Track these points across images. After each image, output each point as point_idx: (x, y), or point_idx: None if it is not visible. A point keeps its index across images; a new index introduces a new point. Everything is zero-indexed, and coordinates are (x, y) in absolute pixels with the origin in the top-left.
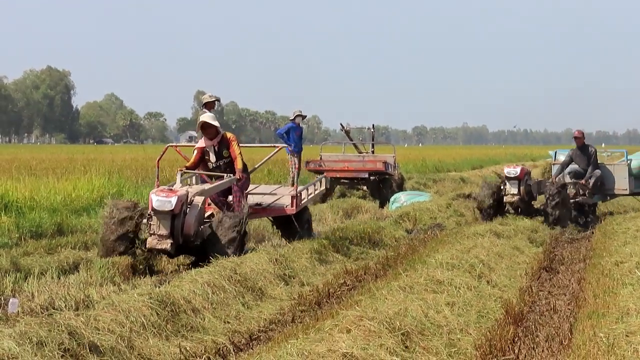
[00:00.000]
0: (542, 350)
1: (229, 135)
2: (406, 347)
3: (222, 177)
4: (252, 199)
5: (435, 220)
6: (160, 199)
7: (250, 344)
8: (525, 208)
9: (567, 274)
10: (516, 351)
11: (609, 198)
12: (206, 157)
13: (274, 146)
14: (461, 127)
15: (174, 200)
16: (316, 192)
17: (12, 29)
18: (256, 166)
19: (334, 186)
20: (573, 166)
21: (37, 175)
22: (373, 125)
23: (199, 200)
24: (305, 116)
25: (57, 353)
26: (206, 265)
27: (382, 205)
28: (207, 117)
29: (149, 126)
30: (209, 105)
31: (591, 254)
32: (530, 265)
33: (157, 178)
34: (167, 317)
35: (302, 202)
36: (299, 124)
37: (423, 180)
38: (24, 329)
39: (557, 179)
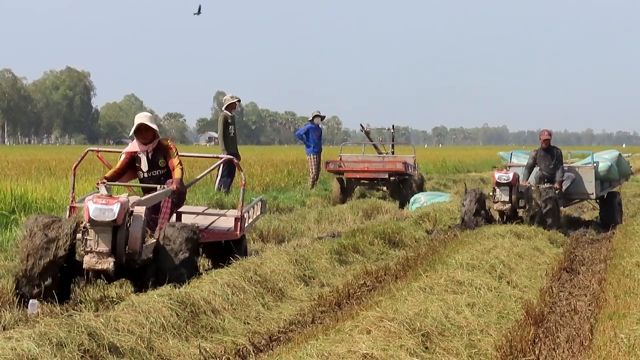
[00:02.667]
0: (563, 351)
1: (167, 142)
2: (426, 348)
3: (154, 190)
4: (186, 220)
5: (455, 221)
6: (100, 207)
7: (270, 344)
8: (514, 216)
9: (587, 274)
10: (537, 352)
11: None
12: (137, 164)
13: (218, 157)
14: (481, 127)
15: (116, 208)
16: (254, 217)
17: (32, 30)
18: (197, 178)
19: (353, 187)
20: (536, 170)
21: (56, 176)
22: (393, 125)
23: (140, 211)
24: (324, 117)
25: (77, 354)
26: (226, 266)
27: (402, 205)
28: (144, 117)
29: (168, 127)
30: (230, 106)
31: (612, 254)
32: (550, 266)
33: (73, 189)
34: (187, 318)
35: (246, 225)
36: (318, 125)
37: (443, 180)
38: (44, 329)
39: (527, 182)
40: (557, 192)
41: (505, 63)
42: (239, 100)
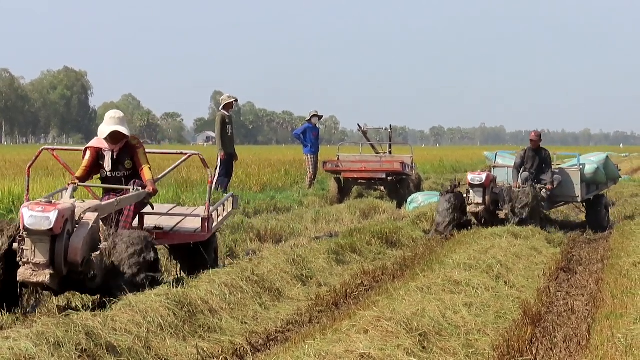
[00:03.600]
0: (560, 351)
1: (134, 142)
2: (424, 347)
3: (119, 191)
4: (149, 221)
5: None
6: (35, 215)
7: (268, 344)
8: (489, 218)
9: (585, 274)
10: (534, 352)
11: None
12: (100, 162)
13: (182, 153)
14: (479, 127)
15: (53, 215)
16: (225, 214)
17: (29, 30)
18: (160, 176)
19: (351, 187)
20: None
21: (54, 175)
22: (390, 125)
23: (90, 217)
24: (322, 116)
25: (75, 353)
26: (223, 266)
27: (399, 205)
28: (117, 123)
29: (166, 127)
30: (227, 106)
31: (609, 254)
32: (548, 266)
33: (27, 190)
34: (185, 318)
35: (214, 225)
36: (315, 125)
37: (440, 180)
38: (41, 329)
39: (517, 183)
40: (547, 193)
41: (503, 63)
42: (236, 100)
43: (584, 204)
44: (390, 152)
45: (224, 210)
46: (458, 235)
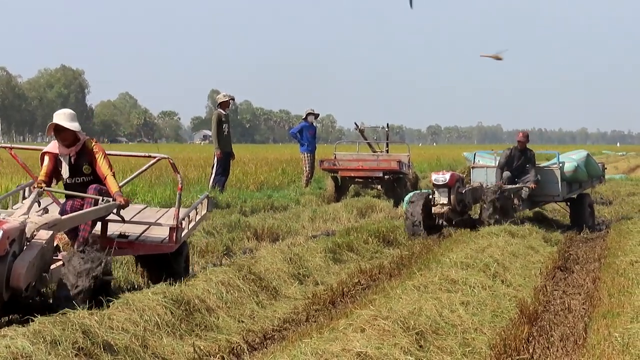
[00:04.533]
0: (557, 350)
1: (91, 145)
2: (420, 346)
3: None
4: (113, 228)
5: None
6: None
7: (265, 343)
8: (456, 218)
9: (581, 273)
10: (531, 351)
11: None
12: (58, 169)
13: (150, 156)
14: (476, 126)
15: None
16: (198, 218)
17: (26, 28)
18: (123, 182)
19: (348, 185)
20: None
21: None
22: (387, 124)
23: (43, 236)
24: (318, 115)
25: (71, 352)
26: (220, 265)
27: (396, 204)
28: (61, 116)
29: (163, 125)
30: (223, 104)
31: (606, 253)
32: (544, 265)
33: None
34: (181, 316)
35: (184, 234)
36: (312, 123)
37: None
38: (38, 327)
39: (502, 182)
40: (528, 192)
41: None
42: (233, 99)
43: (568, 203)
44: (387, 151)
45: (196, 214)
46: (455, 234)
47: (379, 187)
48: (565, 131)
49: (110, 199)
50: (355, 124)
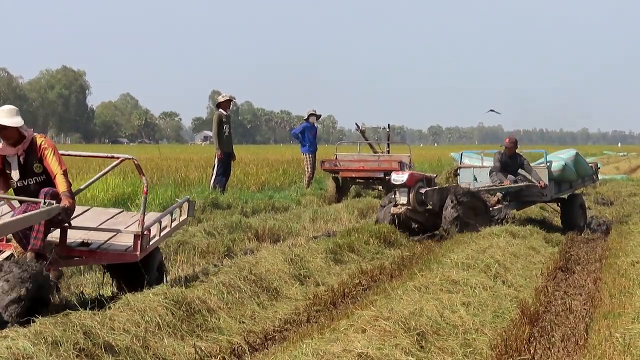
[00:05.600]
0: (558, 351)
1: (40, 140)
2: (421, 347)
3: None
4: (75, 235)
5: None
6: None
7: (265, 343)
8: (424, 220)
9: (583, 274)
10: (532, 351)
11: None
12: (7, 171)
13: (113, 157)
14: (477, 127)
15: None
16: (175, 224)
17: (27, 29)
18: (82, 187)
19: (349, 186)
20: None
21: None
22: (389, 125)
23: None
24: (320, 115)
25: (72, 353)
26: (221, 265)
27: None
28: (1, 113)
29: (164, 126)
30: (223, 105)
31: (607, 253)
32: (546, 265)
33: None
34: (183, 317)
35: (152, 242)
36: (313, 124)
37: (438, 179)
38: (39, 328)
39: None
40: (543, 189)
41: (501, 63)
42: (233, 99)
43: (558, 203)
44: (388, 152)
45: (172, 220)
46: (456, 234)
47: (380, 187)
48: (566, 131)
49: (54, 202)
50: (356, 124)
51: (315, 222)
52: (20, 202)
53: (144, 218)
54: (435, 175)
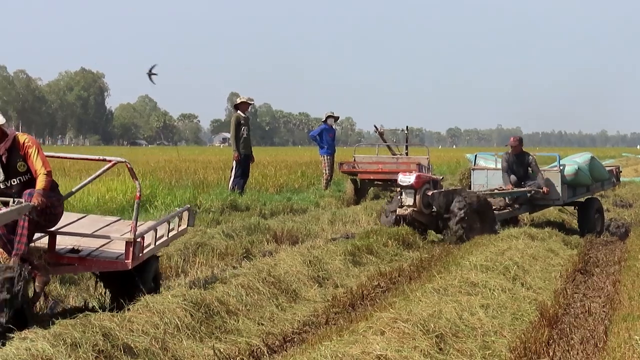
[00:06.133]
0: (577, 353)
1: (23, 138)
2: (440, 349)
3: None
4: (65, 242)
5: None
6: None
7: (284, 345)
8: (429, 222)
9: (602, 276)
10: (551, 354)
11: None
12: None
13: (105, 159)
14: (495, 129)
15: None
16: (172, 234)
17: (46, 31)
18: (74, 189)
19: (367, 188)
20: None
21: (70, 176)
22: (407, 127)
23: None
24: (338, 117)
25: (92, 354)
26: (240, 267)
27: None
28: None
29: (182, 128)
30: (242, 107)
31: (626, 256)
32: (564, 268)
33: None
34: (201, 319)
35: (146, 250)
36: (331, 126)
37: (456, 181)
38: (59, 330)
39: (511, 186)
40: (544, 194)
41: (520, 64)
42: (251, 101)
43: (575, 207)
44: (406, 153)
45: (169, 229)
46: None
47: (399, 189)
48: (585, 134)
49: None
50: (375, 126)
51: (334, 224)
52: (5, 204)
53: (136, 224)
54: (442, 177)
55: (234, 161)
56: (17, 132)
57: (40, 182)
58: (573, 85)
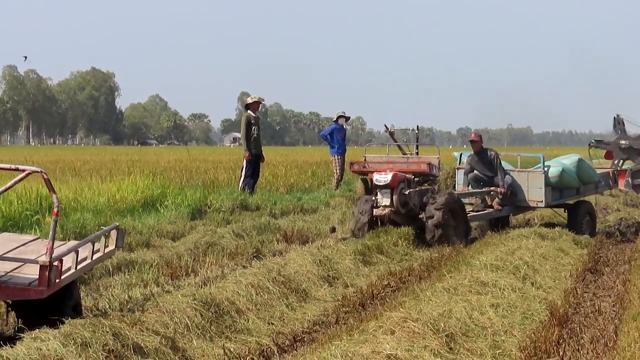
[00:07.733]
0: (587, 352)
1: None
2: (450, 348)
3: None
4: None
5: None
6: None
7: (294, 345)
8: (405, 222)
9: (612, 275)
10: (561, 353)
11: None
12: None
13: (18, 169)
14: (506, 128)
15: None
16: (98, 256)
17: (57, 31)
18: None
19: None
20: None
21: (81, 176)
22: (417, 126)
23: None
24: (349, 117)
25: (102, 354)
26: (250, 267)
27: None
28: None
29: (193, 127)
30: (252, 107)
31: (636, 255)
32: (574, 267)
33: None
34: (211, 319)
35: (64, 276)
36: (342, 126)
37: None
38: (69, 330)
39: (467, 188)
40: (502, 196)
41: (530, 63)
42: (262, 100)
43: (565, 210)
44: (417, 153)
45: (94, 250)
46: (485, 236)
47: None
48: (595, 133)
49: None
50: (385, 126)
51: (344, 224)
52: None
53: (52, 246)
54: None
55: (245, 160)
56: None
57: None
58: (583, 84)
